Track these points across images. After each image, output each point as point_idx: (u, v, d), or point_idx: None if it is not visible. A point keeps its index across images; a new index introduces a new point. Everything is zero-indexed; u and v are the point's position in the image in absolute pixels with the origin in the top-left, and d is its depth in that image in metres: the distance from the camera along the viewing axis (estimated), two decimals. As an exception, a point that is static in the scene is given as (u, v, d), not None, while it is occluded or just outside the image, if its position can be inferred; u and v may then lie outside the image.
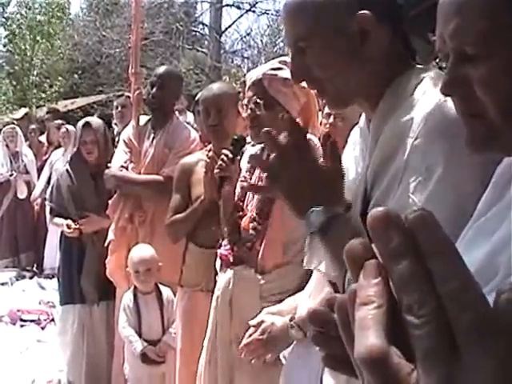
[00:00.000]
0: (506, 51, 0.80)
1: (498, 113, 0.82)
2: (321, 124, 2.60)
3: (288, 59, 2.40)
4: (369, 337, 0.38)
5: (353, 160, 1.46)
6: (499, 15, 0.79)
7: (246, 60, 20.36)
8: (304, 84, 1.43)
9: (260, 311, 2.10)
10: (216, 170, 2.45)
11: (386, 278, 0.39)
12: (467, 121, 0.88)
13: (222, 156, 2.44)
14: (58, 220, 4.00)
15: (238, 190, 2.46)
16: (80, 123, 4.01)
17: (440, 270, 0.37)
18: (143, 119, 3.81)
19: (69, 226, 3.86)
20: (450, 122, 1.14)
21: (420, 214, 0.39)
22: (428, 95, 1.23)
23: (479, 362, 0.36)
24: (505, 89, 0.81)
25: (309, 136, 2.44)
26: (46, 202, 4.44)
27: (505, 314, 0.36)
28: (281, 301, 2.11)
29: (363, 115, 1.44)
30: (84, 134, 3.90)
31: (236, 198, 2.46)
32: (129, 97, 5.61)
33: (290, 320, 1.92)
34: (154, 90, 3.61)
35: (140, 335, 3.32)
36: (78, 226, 3.86)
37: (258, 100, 2.28)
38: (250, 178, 2.46)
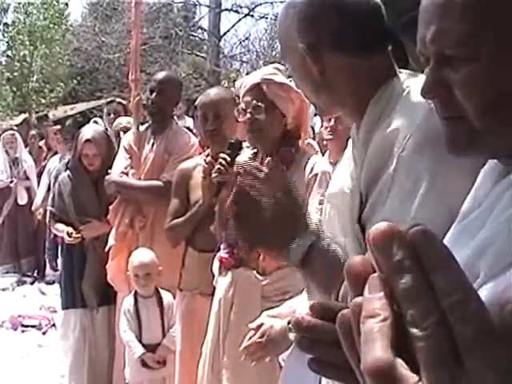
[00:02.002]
0: (486, 54, 0.80)
1: (477, 115, 0.83)
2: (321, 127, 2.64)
3: (281, 66, 2.47)
4: (375, 349, 0.39)
5: (348, 172, 1.48)
6: (479, 18, 0.80)
7: (244, 64, 20.40)
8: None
9: (261, 313, 2.11)
10: (214, 175, 2.46)
11: (390, 292, 0.40)
12: (447, 123, 0.89)
13: (220, 160, 2.46)
14: (59, 226, 4.00)
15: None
16: (82, 137, 3.91)
17: (442, 283, 0.39)
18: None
19: (69, 234, 3.87)
20: (436, 132, 1.15)
21: (421, 228, 0.40)
22: (414, 105, 1.25)
23: (483, 373, 0.37)
24: (484, 91, 0.81)
25: (308, 141, 2.49)
26: (48, 208, 4.43)
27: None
28: (284, 301, 2.13)
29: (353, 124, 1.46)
30: (86, 148, 3.86)
31: None
32: (120, 103, 5.64)
33: (288, 323, 1.93)
34: (154, 95, 3.63)
35: (140, 339, 3.33)
36: (78, 235, 3.86)
37: (260, 104, 2.31)
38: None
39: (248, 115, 2.34)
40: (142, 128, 3.81)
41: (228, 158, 2.44)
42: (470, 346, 0.37)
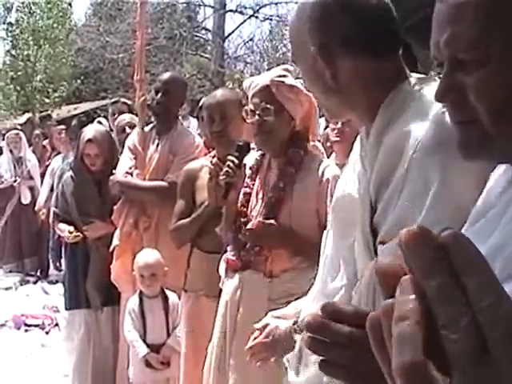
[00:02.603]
0: (499, 58, 0.81)
1: (490, 119, 0.83)
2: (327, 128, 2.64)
3: (290, 67, 2.46)
4: (407, 351, 0.39)
5: (355, 173, 1.49)
6: (490, 21, 0.81)
7: (248, 65, 20.41)
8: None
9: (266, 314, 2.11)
10: (222, 176, 2.46)
11: (422, 294, 0.41)
12: (460, 128, 0.89)
13: (228, 162, 2.45)
14: (61, 226, 4.01)
15: (240, 195, 2.48)
16: (83, 137, 3.90)
17: (474, 285, 0.39)
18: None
19: (70, 232, 3.87)
20: (447, 136, 1.16)
21: (453, 232, 0.41)
22: (425, 108, 1.25)
23: None
24: (498, 95, 0.82)
25: (313, 143, 2.49)
26: (52, 208, 4.44)
27: None
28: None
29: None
30: (87, 148, 3.86)
31: (239, 204, 2.48)
32: (125, 103, 5.63)
33: (294, 324, 1.94)
34: (159, 96, 3.63)
35: (144, 339, 3.33)
36: (78, 233, 3.86)
37: (268, 106, 2.31)
38: (253, 185, 2.48)
39: (256, 117, 2.34)
40: (146, 128, 3.81)
41: (236, 161, 2.44)
42: (501, 348, 0.37)
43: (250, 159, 2.53)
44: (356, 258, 1.45)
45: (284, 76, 2.36)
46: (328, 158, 3.03)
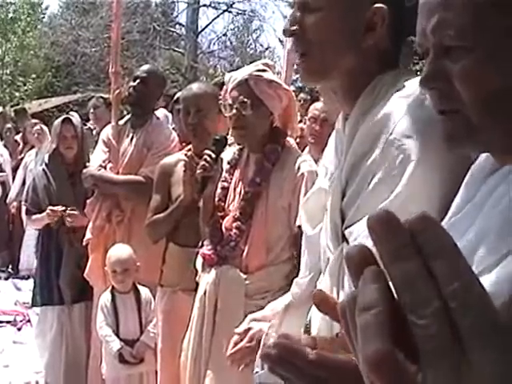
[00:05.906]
0: (487, 46, 0.80)
1: (475, 108, 0.82)
2: (303, 126, 2.63)
3: (270, 62, 2.45)
4: (373, 342, 0.38)
5: (329, 161, 1.48)
6: (482, 9, 0.80)
7: (222, 60, 20.37)
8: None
9: (245, 313, 2.09)
10: (199, 171, 2.45)
11: (385, 283, 0.39)
12: (444, 118, 0.88)
13: (205, 156, 2.44)
14: (35, 216, 3.94)
15: (218, 190, 2.47)
16: (59, 119, 3.99)
17: (443, 270, 0.37)
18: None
19: (49, 213, 3.81)
20: (424, 120, 1.17)
21: (421, 215, 0.39)
22: (403, 95, 1.26)
23: (484, 361, 0.36)
24: (484, 83, 0.81)
25: (287, 138, 2.49)
26: (22, 203, 4.38)
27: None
28: (266, 299, 2.11)
29: (339, 117, 1.46)
30: (64, 129, 3.89)
31: (217, 199, 2.46)
32: (102, 97, 5.59)
33: None
34: (137, 83, 3.59)
35: (117, 335, 3.30)
36: (60, 208, 3.80)
37: (246, 100, 2.30)
38: (231, 179, 2.46)
39: (234, 111, 2.33)
40: (121, 122, 3.77)
41: (213, 155, 2.43)
42: (471, 334, 0.36)
43: (228, 153, 2.52)
44: (322, 248, 1.45)
45: (263, 71, 2.36)
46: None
